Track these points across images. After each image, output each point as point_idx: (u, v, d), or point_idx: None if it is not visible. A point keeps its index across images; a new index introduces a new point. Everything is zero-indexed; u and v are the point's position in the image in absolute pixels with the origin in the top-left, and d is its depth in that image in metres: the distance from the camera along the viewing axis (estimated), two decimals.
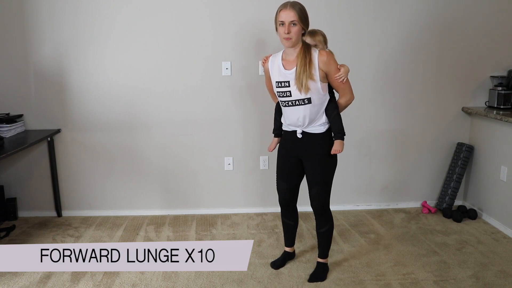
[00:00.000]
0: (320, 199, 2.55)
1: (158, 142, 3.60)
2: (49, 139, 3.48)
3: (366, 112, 3.65)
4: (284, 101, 2.45)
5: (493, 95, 3.58)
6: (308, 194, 2.62)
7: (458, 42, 3.59)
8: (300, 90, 2.36)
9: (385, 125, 3.70)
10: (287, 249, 2.90)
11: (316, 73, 2.35)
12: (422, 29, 3.55)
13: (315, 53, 2.36)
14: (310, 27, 2.49)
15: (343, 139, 2.47)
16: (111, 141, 3.59)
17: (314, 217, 2.70)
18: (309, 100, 2.39)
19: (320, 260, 2.73)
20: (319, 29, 2.64)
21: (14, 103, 3.50)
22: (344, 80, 2.41)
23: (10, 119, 3.33)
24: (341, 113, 2.56)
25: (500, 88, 3.54)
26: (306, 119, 2.44)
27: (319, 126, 2.47)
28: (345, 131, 2.52)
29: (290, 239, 2.88)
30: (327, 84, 2.44)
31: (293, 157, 2.58)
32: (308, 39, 2.53)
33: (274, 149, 2.72)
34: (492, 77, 3.65)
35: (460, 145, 3.72)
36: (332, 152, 2.46)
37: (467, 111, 3.69)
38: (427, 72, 3.63)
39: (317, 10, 3.42)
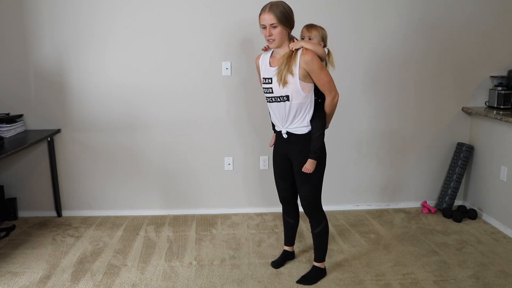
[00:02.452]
0: (309, 199, 2.55)
1: (158, 142, 3.60)
2: (49, 139, 3.48)
3: (366, 112, 3.66)
4: (267, 97, 2.49)
5: (493, 95, 3.58)
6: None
7: (458, 42, 3.59)
8: (279, 84, 2.38)
9: (385, 125, 3.70)
10: (287, 248, 2.90)
11: (296, 70, 2.35)
12: (422, 29, 3.55)
13: (299, 51, 2.37)
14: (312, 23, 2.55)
15: (316, 159, 2.46)
16: (111, 141, 3.59)
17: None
18: (287, 98, 2.39)
19: (315, 263, 2.70)
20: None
21: (14, 103, 3.50)
22: (293, 48, 2.37)
23: (10, 119, 3.33)
24: (336, 112, 2.57)
25: (500, 88, 3.54)
26: (285, 117, 2.46)
27: (302, 127, 2.46)
28: (327, 148, 2.55)
29: (290, 238, 2.88)
30: (310, 85, 2.40)
31: (284, 156, 2.60)
32: (303, 31, 2.53)
33: (273, 145, 2.74)
34: (492, 77, 3.65)
35: (460, 145, 3.72)
36: (303, 169, 2.47)
37: (467, 111, 3.69)
38: (427, 72, 3.63)
39: (316, 10, 3.43)
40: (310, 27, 2.53)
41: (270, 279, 2.69)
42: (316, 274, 2.68)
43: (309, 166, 2.46)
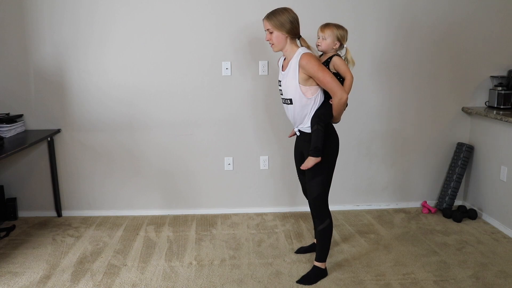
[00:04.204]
0: (313, 195, 2.58)
1: (158, 142, 3.60)
2: (49, 139, 3.48)
3: (366, 112, 3.66)
4: (281, 99, 2.64)
5: (493, 95, 3.58)
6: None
7: (458, 42, 3.59)
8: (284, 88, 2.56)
9: (385, 125, 3.70)
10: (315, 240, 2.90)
11: (296, 74, 2.45)
12: (422, 29, 3.55)
13: (298, 56, 2.44)
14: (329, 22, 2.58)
15: (316, 156, 2.47)
16: (111, 141, 3.59)
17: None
18: (291, 101, 2.52)
19: (316, 263, 2.70)
20: (330, 26, 2.55)
21: (14, 103, 3.50)
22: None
23: (10, 119, 3.33)
24: (341, 113, 2.59)
25: (500, 88, 3.54)
26: (293, 118, 2.59)
27: (308, 127, 2.55)
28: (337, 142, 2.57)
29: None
30: (312, 88, 2.47)
31: (300, 151, 2.73)
32: (318, 31, 2.55)
33: (291, 136, 2.86)
34: (492, 77, 3.65)
35: (460, 145, 3.72)
36: (301, 167, 2.54)
37: (467, 111, 3.69)
38: (427, 72, 3.63)
39: (317, 10, 3.43)
40: (323, 26, 2.54)
41: (270, 279, 2.69)
42: (316, 274, 2.68)
43: (306, 162, 2.49)
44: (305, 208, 3.69)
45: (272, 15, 2.47)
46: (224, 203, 3.73)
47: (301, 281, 2.66)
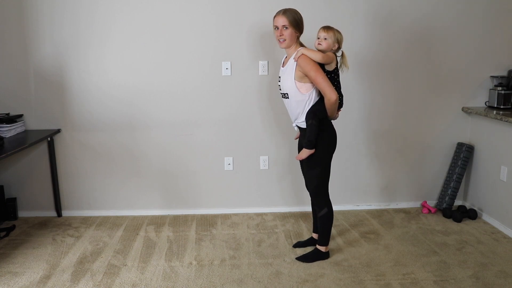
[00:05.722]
0: (310, 185, 2.80)
1: (158, 142, 3.60)
2: (49, 139, 3.48)
3: (366, 112, 3.66)
4: (280, 94, 2.81)
5: (493, 95, 3.58)
6: (308, 193, 2.89)
7: (458, 42, 3.59)
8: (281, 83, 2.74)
9: (385, 125, 3.70)
10: (314, 235, 3.07)
11: (293, 71, 2.63)
12: (422, 28, 3.55)
13: (297, 54, 2.61)
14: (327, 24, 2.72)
15: (309, 148, 2.65)
16: (111, 141, 3.59)
17: (312, 215, 3.00)
18: (287, 95, 2.70)
19: (317, 246, 2.90)
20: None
21: (14, 103, 3.50)
22: (296, 58, 2.59)
23: (10, 119, 3.33)
24: (337, 116, 2.79)
25: (500, 88, 3.54)
26: (291, 113, 2.77)
27: (303, 122, 2.71)
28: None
29: (314, 225, 3.06)
30: (307, 85, 2.62)
31: (301, 145, 2.85)
32: (320, 31, 2.68)
33: (297, 138, 2.98)
34: (492, 77, 3.65)
35: (460, 145, 3.72)
36: (296, 157, 2.75)
37: (467, 111, 3.69)
38: (427, 72, 3.63)
39: (319, 10, 3.42)
40: (327, 28, 2.68)
41: (270, 279, 2.69)
42: (314, 255, 2.89)
43: (301, 154, 2.69)
44: (305, 208, 3.69)
45: (289, 12, 2.61)
46: (224, 203, 3.73)
47: (300, 258, 2.90)
